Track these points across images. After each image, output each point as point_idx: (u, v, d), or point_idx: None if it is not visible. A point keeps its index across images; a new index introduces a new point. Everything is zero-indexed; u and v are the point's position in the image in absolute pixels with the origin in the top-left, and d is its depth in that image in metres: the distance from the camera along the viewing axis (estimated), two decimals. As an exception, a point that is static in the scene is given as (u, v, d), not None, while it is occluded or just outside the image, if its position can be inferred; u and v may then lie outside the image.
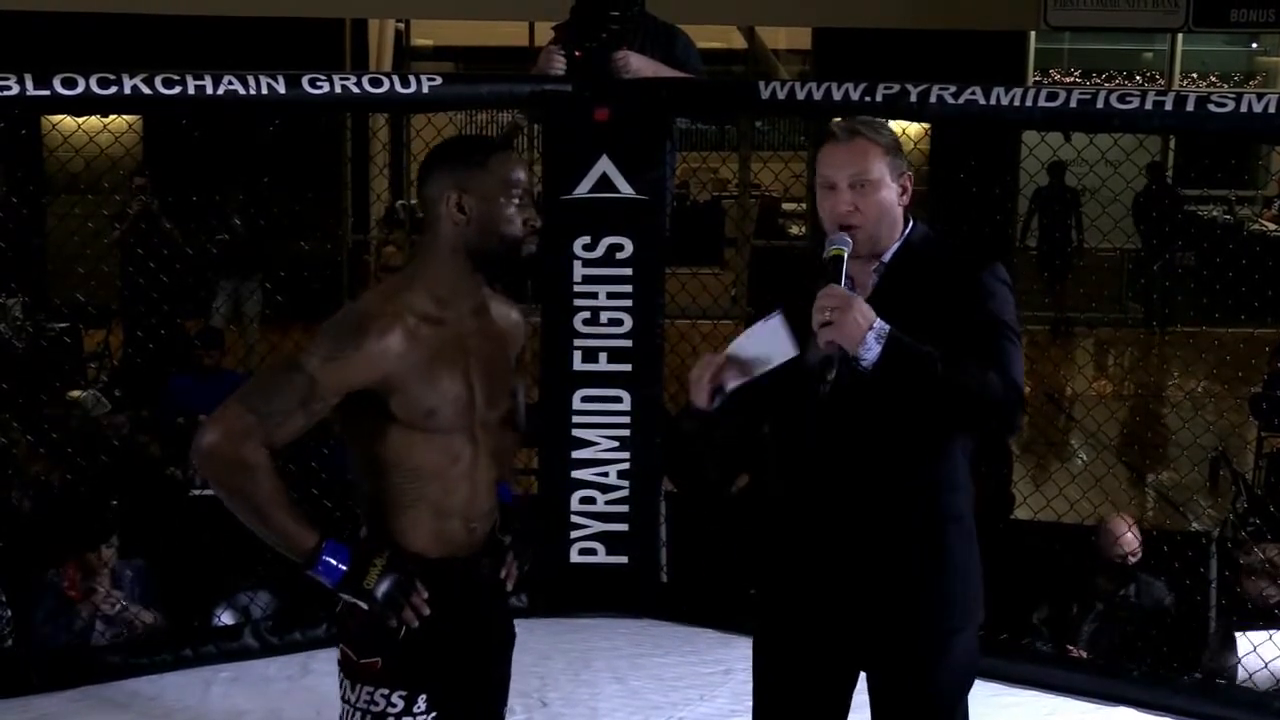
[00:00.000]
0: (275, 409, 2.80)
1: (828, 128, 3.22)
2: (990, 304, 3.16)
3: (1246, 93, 4.90)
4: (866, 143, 3.14)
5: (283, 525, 2.82)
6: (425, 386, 2.90)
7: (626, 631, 5.48)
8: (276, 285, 6.21)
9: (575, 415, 5.51)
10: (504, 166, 2.96)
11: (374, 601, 2.87)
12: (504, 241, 2.95)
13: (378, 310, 2.89)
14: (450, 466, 2.97)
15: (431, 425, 2.92)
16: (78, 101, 4.76)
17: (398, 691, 2.96)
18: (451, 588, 2.98)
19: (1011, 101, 4.95)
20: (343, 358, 2.83)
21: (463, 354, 2.97)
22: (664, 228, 5.58)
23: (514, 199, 2.96)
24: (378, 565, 2.87)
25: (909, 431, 3.13)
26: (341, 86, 5.04)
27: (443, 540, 2.99)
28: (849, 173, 3.12)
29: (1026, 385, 8.37)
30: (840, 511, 3.18)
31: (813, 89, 5.17)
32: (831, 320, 2.96)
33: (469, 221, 2.94)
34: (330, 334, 2.87)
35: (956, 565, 3.22)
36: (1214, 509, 8.53)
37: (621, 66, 5.35)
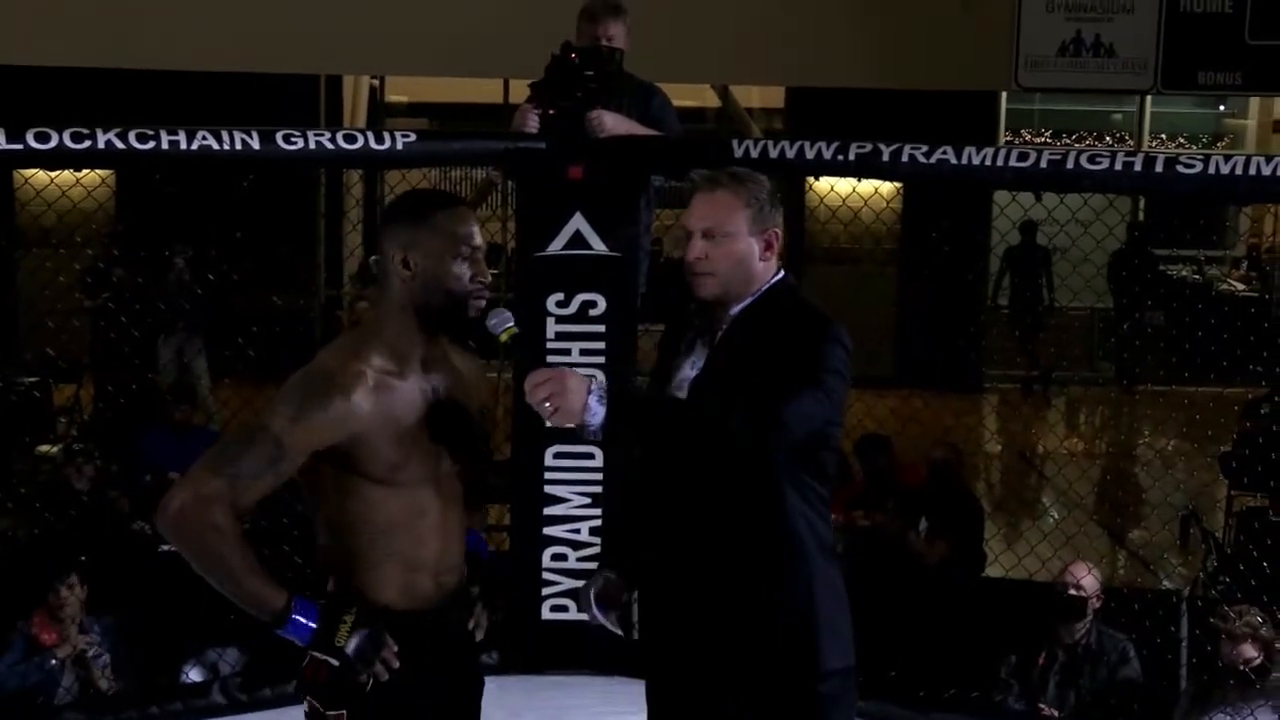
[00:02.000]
0: (243, 472, 2.80)
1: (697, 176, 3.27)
2: (805, 355, 3.09)
3: (1214, 154, 4.95)
4: (727, 194, 3.19)
5: (252, 588, 2.81)
6: (390, 441, 2.90)
7: (599, 689, 5.45)
8: (248, 340, 6.16)
9: (547, 472, 5.50)
10: (450, 222, 2.97)
11: (345, 658, 2.86)
12: (450, 298, 2.96)
13: (340, 368, 2.89)
14: (417, 520, 2.98)
15: (397, 479, 2.93)
16: (51, 156, 4.76)
17: None
18: (419, 640, 2.97)
19: (983, 161, 4.99)
20: (309, 418, 2.83)
21: (423, 407, 2.97)
22: (637, 285, 5.58)
23: (461, 255, 2.95)
24: (347, 622, 2.87)
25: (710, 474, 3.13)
26: (316, 142, 5.05)
27: (410, 593, 2.99)
28: (704, 224, 3.18)
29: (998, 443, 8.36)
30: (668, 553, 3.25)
31: (785, 147, 5.20)
32: (557, 405, 2.92)
33: (414, 278, 2.94)
34: (295, 394, 2.86)
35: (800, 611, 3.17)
36: (1185, 567, 8.54)
37: (596, 125, 5.37)
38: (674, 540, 3.23)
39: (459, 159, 6.96)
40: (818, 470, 3.19)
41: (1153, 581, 8.24)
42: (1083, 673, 5.75)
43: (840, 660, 3.22)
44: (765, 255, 3.21)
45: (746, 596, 3.17)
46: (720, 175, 3.23)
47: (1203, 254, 15.70)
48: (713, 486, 3.15)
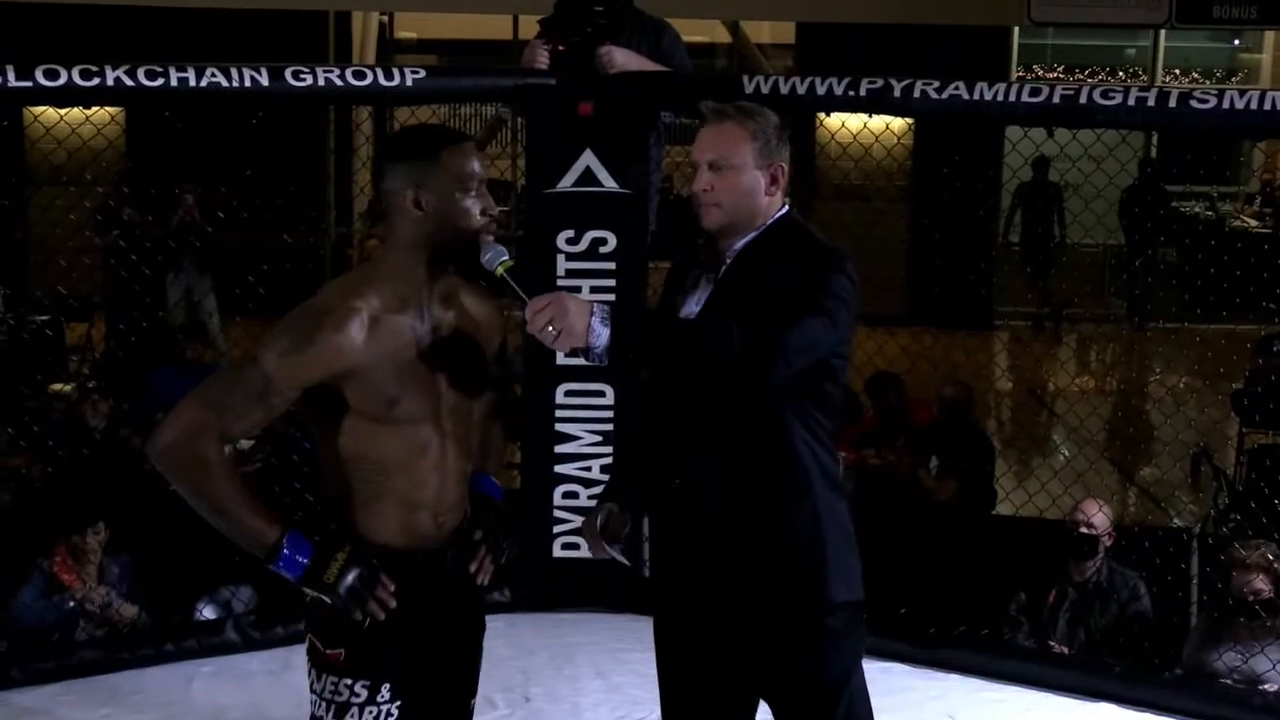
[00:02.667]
0: (231, 405, 2.81)
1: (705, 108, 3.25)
2: (811, 285, 3.09)
3: (1229, 89, 4.92)
4: (734, 126, 3.19)
5: (242, 520, 2.81)
6: (386, 378, 2.89)
7: (609, 627, 5.48)
8: (259, 278, 6.16)
9: (558, 410, 5.51)
10: (457, 159, 2.94)
11: (336, 596, 2.86)
12: (463, 234, 2.95)
13: (334, 304, 2.88)
14: (416, 458, 2.97)
15: (394, 417, 2.92)
16: (60, 93, 4.75)
17: (360, 681, 2.96)
18: (417, 579, 2.98)
19: (995, 97, 4.97)
20: (298, 352, 2.82)
21: (427, 345, 2.96)
22: (648, 221, 5.57)
23: (470, 191, 2.94)
24: (339, 559, 2.86)
25: (715, 403, 3.14)
26: (325, 79, 5.03)
27: (409, 532, 2.99)
28: (710, 155, 3.19)
29: (1009, 381, 8.38)
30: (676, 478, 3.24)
31: (796, 84, 5.18)
32: (560, 328, 2.91)
33: (426, 217, 2.92)
34: (286, 329, 2.86)
35: (804, 542, 3.18)
36: (1195, 505, 8.55)
37: (605, 61, 5.35)
38: (678, 467, 3.24)
39: (468, 95, 6.93)
40: (822, 401, 3.18)
41: (1163, 519, 8.26)
42: (1093, 610, 5.76)
43: (847, 593, 3.21)
44: (770, 189, 3.21)
45: (750, 526, 3.17)
46: (727, 108, 3.23)
47: (1216, 190, 15.64)
48: (716, 412, 3.16)
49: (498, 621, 5.51)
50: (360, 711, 2.96)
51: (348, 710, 2.97)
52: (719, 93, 5.79)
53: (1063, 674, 5.23)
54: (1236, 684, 5.19)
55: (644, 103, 5.47)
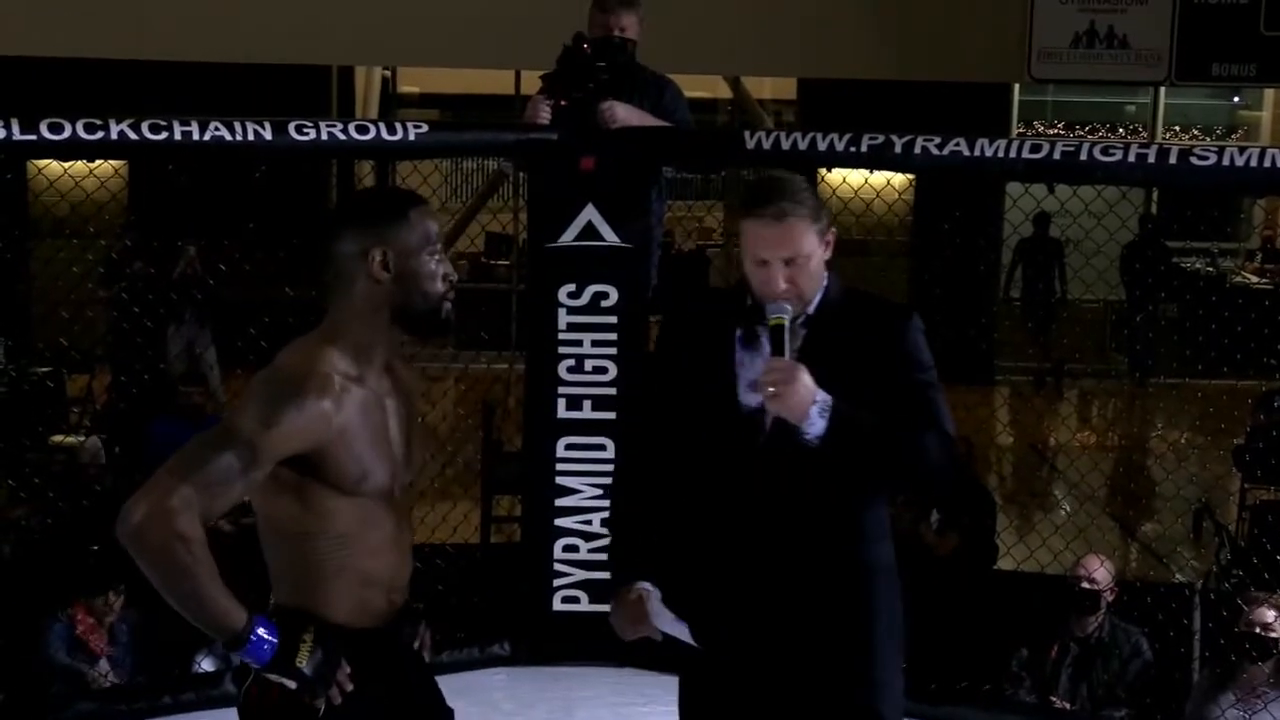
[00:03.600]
0: (212, 479, 2.64)
1: (751, 198, 3.17)
2: (915, 353, 3.20)
3: (1229, 146, 4.94)
4: (796, 221, 3.13)
5: (215, 604, 2.64)
6: (358, 450, 2.78)
7: (609, 681, 5.45)
8: (260, 331, 6.17)
9: (559, 463, 5.50)
10: (425, 220, 2.86)
11: (304, 679, 2.74)
12: (427, 299, 2.86)
13: (310, 371, 2.76)
14: (373, 533, 2.85)
15: (361, 490, 2.80)
16: (64, 146, 4.77)
17: None
18: (373, 659, 2.86)
19: (995, 153, 4.98)
20: (282, 422, 2.68)
21: (382, 414, 2.87)
22: (649, 276, 5.59)
23: (434, 254, 2.86)
24: (307, 641, 2.74)
25: (841, 485, 3.15)
26: (328, 133, 5.05)
27: (365, 610, 2.87)
28: (783, 254, 3.13)
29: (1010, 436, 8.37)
30: (771, 560, 3.18)
31: (798, 139, 5.19)
32: (777, 393, 2.98)
33: (393, 279, 2.83)
34: (265, 396, 2.72)
35: (884, 616, 3.25)
36: (1197, 560, 8.53)
37: (608, 117, 5.37)
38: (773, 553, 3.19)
39: (471, 150, 6.95)
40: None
41: (1165, 575, 8.23)
42: (1095, 665, 5.74)
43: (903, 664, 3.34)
44: (825, 255, 3.22)
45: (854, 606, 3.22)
46: (782, 202, 3.13)
47: (1216, 246, 15.67)
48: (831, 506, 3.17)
49: (498, 675, 5.52)
50: None
51: None
52: (720, 148, 5.84)
53: (1065, 730, 5.20)
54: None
55: (646, 158, 5.49)
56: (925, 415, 3.13)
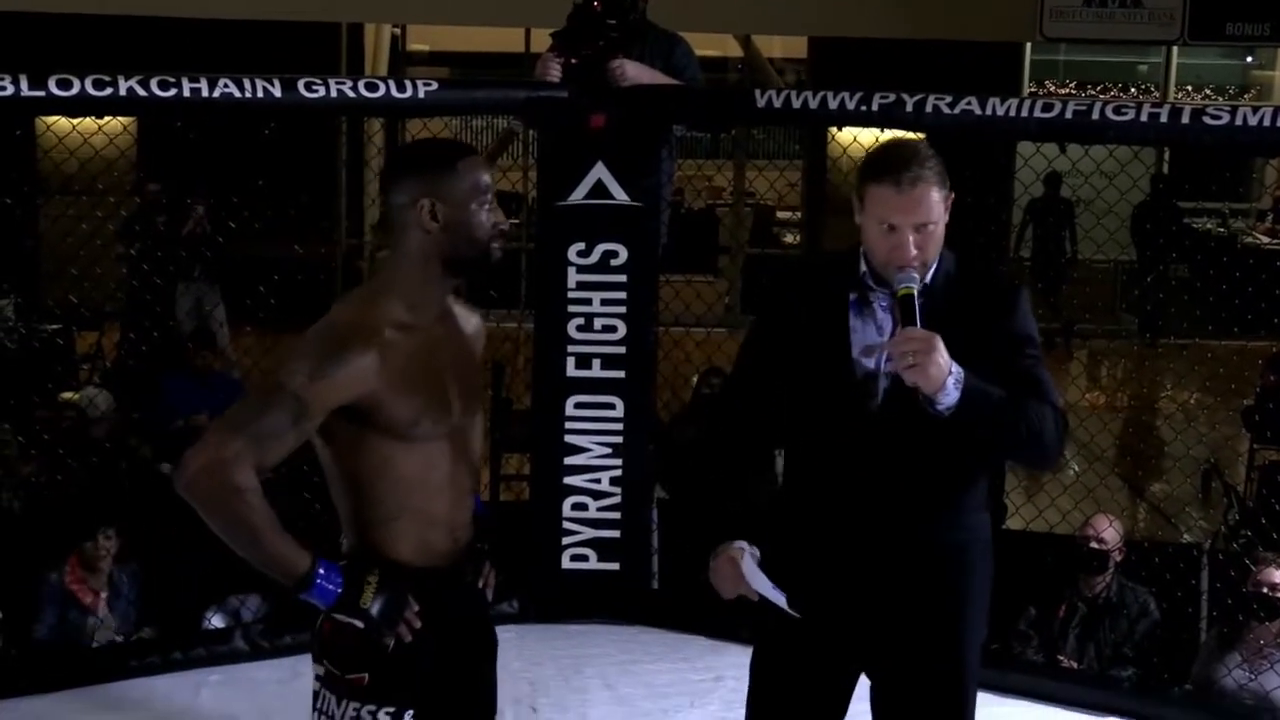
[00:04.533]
0: (264, 431, 2.73)
1: (883, 163, 3.14)
2: (1026, 327, 3.21)
3: (1241, 105, 4.92)
4: (927, 187, 3.10)
5: (276, 550, 2.75)
6: (408, 397, 2.85)
7: (617, 638, 5.48)
8: (269, 289, 6.17)
9: (568, 421, 5.51)
10: (473, 170, 2.93)
11: (370, 620, 2.83)
12: (475, 247, 2.93)
13: (357, 323, 2.85)
14: (431, 475, 2.93)
15: (414, 435, 2.88)
16: (73, 103, 4.76)
17: (385, 708, 2.92)
18: (437, 598, 2.94)
19: (1007, 112, 4.96)
20: (329, 374, 2.77)
21: (437, 361, 2.94)
22: (659, 235, 5.58)
23: (484, 203, 2.94)
24: (371, 583, 2.83)
25: (953, 455, 3.16)
26: (337, 91, 5.04)
27: (427, 550, 2.95)
28: (914, 220, 3.10)
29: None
30: (876, 524, 3.19)
31: (808, 98, 5.18)
32: (916, 364, 2.96)
33: (442, 228, 2.91)
34: (311, 350, 2.81)
35: (979, 583, 3.30)
36: (1206, 521, 8.53)
37: (617, 74, 5.35)
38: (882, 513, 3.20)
39: (480, 108, 6.94)
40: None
41: (1174, 535, 8.24)
42: (1103, 625, 5.75)
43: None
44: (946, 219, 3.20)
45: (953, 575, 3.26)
46: (916, 167, 3.11)
47: (1228, 206, 15.64)
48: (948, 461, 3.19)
49: (507, 633, 5.49)
50: None
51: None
52: (731, 107, 5.82)
53: (1072, 689, 5.21)
54: (1245, 700, 5.18)
55: (656, 116, 5.48)
56: (1039, 389, 3.14)
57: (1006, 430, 3.08)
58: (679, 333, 6.33)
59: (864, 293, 3.19)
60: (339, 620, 2.85)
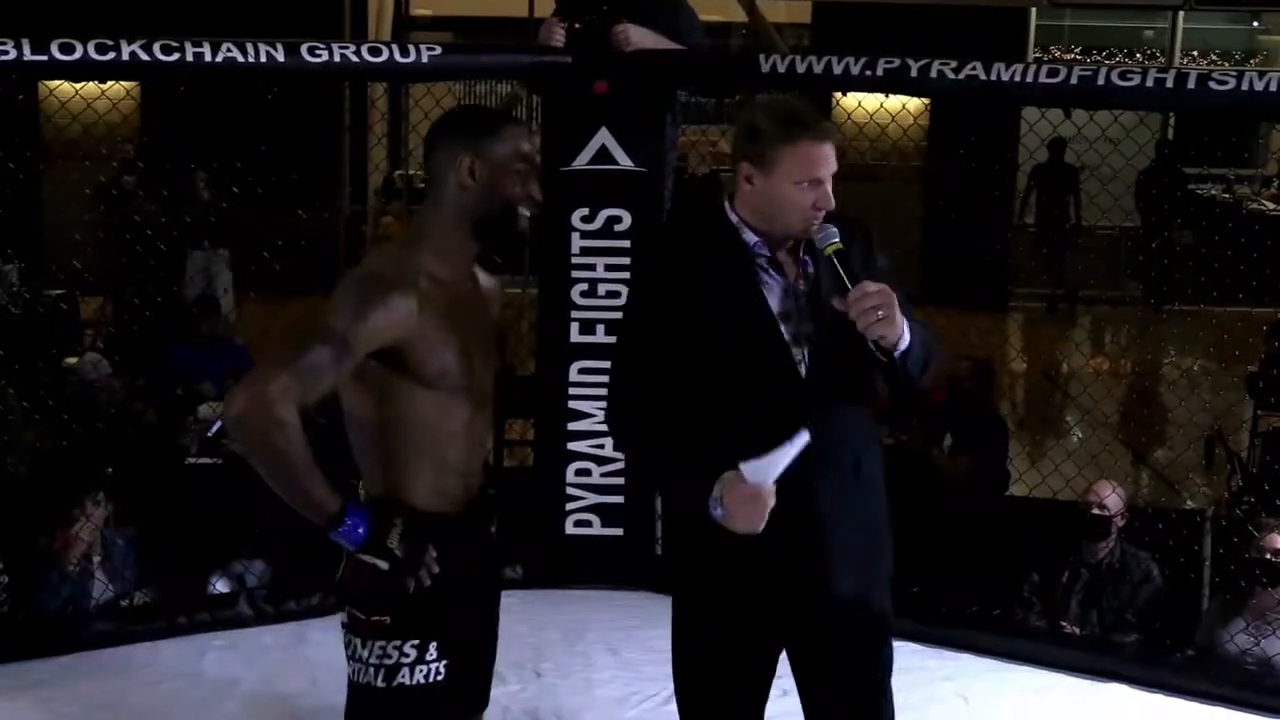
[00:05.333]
0: (308, 368, 2.81)
1: (794, 121, 3.21)
2: (885, 259, 3.35)
3: (1248, 71, 4.90)
4: (835, 139, 3.23)
5: (312, 486, 2.83)
6: (438, 346, 2.94)
7: (621, 604, 5.49)
8: (272, 256, 6.17)
9: (571, 387, 5.52)
10: (517, 138, 3.04)
11: (396, 560, 2.92)
12: (506, 210, 3.02)
13: (396, 270, 2.94)
14: (452, 423, 3.02)
15: (441, 384, 2.97)
16: (75, 67, 4.75)
17: (410, 642, 3.02)
18: (452, 541, 3.02)
19: (1012, 77, 4.95)
20: (371, 316, 2.85)
21: (463, 316, 3.02)
22: (663, 200, 5.57)
23: (522, 171, 3.03)
24: (397, 526, 2.92)
25: (864, 394, 3.32)
26: (340, 55, 5.03)
27: (444, 496, 3.04)
28: (831, 170, 3.22)
29: (1023, 361, 8.35)
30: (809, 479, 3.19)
31: (813, 63, 5.16)
32: (885, 316, 3.06)
33: (476, 186, 2.99)
34: (354, 293, 2.89)
35: (886, 514, 3.45)
36: (1209, 487, 8.54)
37: (621, 39, 5.34)
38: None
39: (484, 73, 6.91)
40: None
41: (1177, 501, 8.25)
42: (1106, 591, 5.76)
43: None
44: None
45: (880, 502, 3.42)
46: (825, 121, 3.25)
47: (1233, 172, 15.60)
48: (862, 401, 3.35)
49: (510, 598, 5.48)
50: (411, 671, 3.02)
51: (399, 671, 3.02)
52: (735, 72, 5.80)
53: (1074, 655, 5.23)
54: (1248, 665, 5.19)
55: (660, 81, 5.46)
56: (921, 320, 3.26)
57: (928, 362, 3.24)
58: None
59: (757, 260, 3.25)
60: (363, 561, 2.94)
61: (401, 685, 3.02)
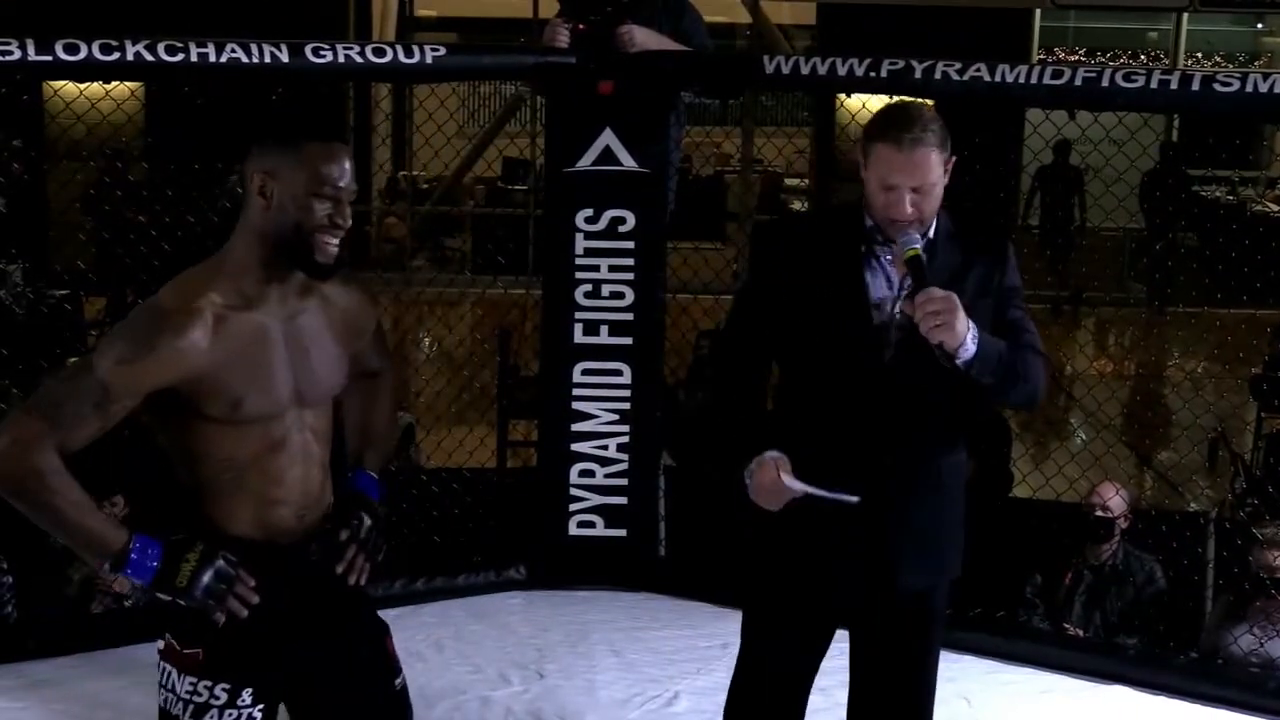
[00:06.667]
0: (66, 414, 2.68)
1: (885, 124, 3.22)
2: (1014, 279, 3.40)
3: (1252, 72, 4.89)
4: (927, 150, 3.18)
5: (84, 527, 2.72)
6: (231, 379, 2.78)
7: (624, 605, 5.48)
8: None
9: (575, 388, 5.51)
10: (319, 159, 2.80)
11: (192, 599, 2.78)
12: (298, 233, 2.80)
13: (174, 306, 2.75)
14: (270, 454, 2.87)
15: (240, 417, 2.81)
16: (80, 67, 4.75)
17: (220, 684, 2.89)
18: (277, 573, 2.88)
19: (1016, 79, 4.95)
20: (136, 360, 2.70)
21: (277, 339, 2.85)
22: (667, 201, 5.57)
23: (322, 194, 2.80)
24: (191, 560, 2.77)
25: (952, 400, 3.32)
26: (345, 56, 5.02)
27: (266, 527, 2.90)
28: (913, 181, 3.19)
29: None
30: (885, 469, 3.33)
31: (817, 64, 5.16)
32: (942, 323, 3.10)
33: (272, 208, 2.80)
34: (125, 333, 2.75)
35: (961, 522, 3.52)
36: (1212, 489, 8.53)
37: (625, 40, 5.33)
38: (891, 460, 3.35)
39: (488, 74, 6.92)
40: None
41: (1180, 503, 8.24)
42: (1109, 593, 5.76)
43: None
44: (946, 180, 3.28)
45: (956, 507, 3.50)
46: (916, 129, 3.19)
47: (1237, 174, 15.60)
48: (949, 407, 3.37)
49: (514, 598, 5.55)
50: (220, 714, 2.89)
51: (206, 712, 2.90)
52: (739, 73, 5.80)
53: (1077, 657, 5.22)
54: (1252, 668, 5.19)
55: (664, 82, 5.46)
56: (1030, 341, 3.33)
57: (1008, 378, 3.24)
58: (686, 299, 6.32)
59: (871, 246, 3.30)
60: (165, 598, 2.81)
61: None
